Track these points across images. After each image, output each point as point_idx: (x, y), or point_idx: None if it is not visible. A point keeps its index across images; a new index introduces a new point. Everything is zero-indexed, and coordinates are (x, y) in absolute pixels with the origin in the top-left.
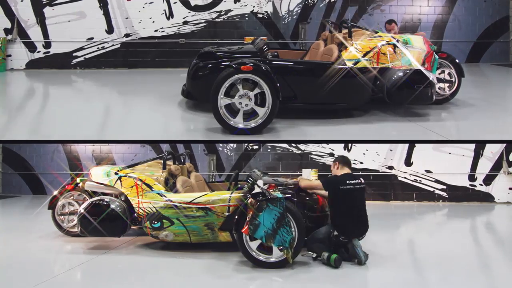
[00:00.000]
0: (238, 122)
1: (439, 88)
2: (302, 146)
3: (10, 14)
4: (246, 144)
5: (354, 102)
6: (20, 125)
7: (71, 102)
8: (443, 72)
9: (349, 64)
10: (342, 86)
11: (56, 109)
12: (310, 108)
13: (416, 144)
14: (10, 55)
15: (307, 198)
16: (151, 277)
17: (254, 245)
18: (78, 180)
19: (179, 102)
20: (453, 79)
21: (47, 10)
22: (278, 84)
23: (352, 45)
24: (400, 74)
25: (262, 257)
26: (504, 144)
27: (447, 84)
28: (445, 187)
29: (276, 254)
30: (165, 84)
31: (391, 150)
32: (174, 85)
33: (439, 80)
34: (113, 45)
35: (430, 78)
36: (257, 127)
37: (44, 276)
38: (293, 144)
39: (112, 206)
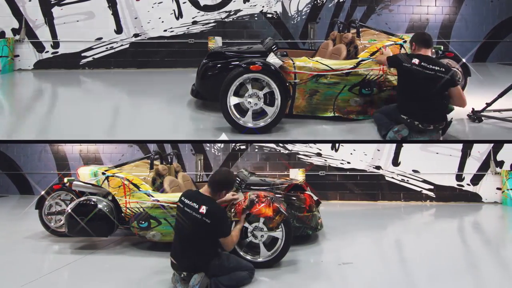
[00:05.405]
0: (247, 121)
1: None
2: (289, 146)
3: (18, 14)
4: (233, 144)
5: None
6: (28, 126)
7: (79, 102)
8: None
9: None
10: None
11: (65, 110)
12: None
13: (403, 144)
14: (18, 55)
15: (294, 198)
16: (138, 277)
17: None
18: (65, 180)
19: (189, 101)
20: (459, 79)
21: (56, 10)
22: (287, 84)
23: (360, 45)
24: None
25: (249, 256)
26: (492, 144)
27: None
28: (432, 187)
29: (263, 254)
30: (174, 84)
31: (378, 150)
32: (183, 85)
33: None
34: (122, 45)
35: None
36: (266, 126)
37: (31, 276)
38: (281, 144)
39: (100, 206)
